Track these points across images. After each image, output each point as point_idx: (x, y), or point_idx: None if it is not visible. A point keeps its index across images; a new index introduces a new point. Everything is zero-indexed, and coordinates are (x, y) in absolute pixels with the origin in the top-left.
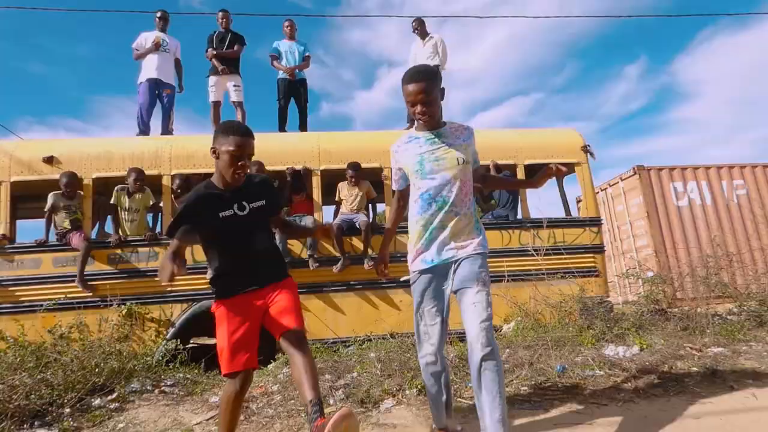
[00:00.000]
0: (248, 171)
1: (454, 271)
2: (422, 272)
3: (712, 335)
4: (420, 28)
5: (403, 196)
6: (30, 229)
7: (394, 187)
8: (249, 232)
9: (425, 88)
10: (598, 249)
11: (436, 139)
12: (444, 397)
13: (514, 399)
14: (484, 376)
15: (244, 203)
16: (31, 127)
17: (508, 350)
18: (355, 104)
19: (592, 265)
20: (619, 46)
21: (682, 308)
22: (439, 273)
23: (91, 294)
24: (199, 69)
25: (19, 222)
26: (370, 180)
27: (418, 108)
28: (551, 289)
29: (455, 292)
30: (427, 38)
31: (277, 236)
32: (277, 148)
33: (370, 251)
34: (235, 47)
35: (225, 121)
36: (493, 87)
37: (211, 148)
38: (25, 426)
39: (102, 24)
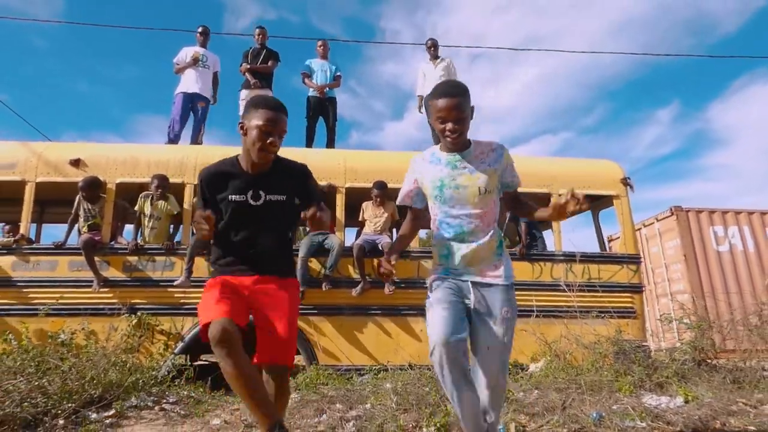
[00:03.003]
0: (276, 151)
1: (474, 296)
2: (440, 279)
3: (766, 391)
4: (434, 48)
5: (418, 215)
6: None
7: (410, 203)
8: (259, 223)
9: (458, 104)
10: (637, 288)
11: (458, 163)
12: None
13: None
14: None
15: (261, 192)
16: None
17: (537, 391)
18: (384, 134)
19: (630, 305)
20: (650, 91)
21: (730, 359)
22: (459, 287)
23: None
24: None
25: (47, 226)
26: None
27: (449, 126)
28: (584, 328)
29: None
30: (439, 60)
31: (301, 251)
32: None
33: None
34: (270, 63)
35: (257, 94)
36: (521, 125)
37: (239, 123)
38: None
39: (146, 45)
